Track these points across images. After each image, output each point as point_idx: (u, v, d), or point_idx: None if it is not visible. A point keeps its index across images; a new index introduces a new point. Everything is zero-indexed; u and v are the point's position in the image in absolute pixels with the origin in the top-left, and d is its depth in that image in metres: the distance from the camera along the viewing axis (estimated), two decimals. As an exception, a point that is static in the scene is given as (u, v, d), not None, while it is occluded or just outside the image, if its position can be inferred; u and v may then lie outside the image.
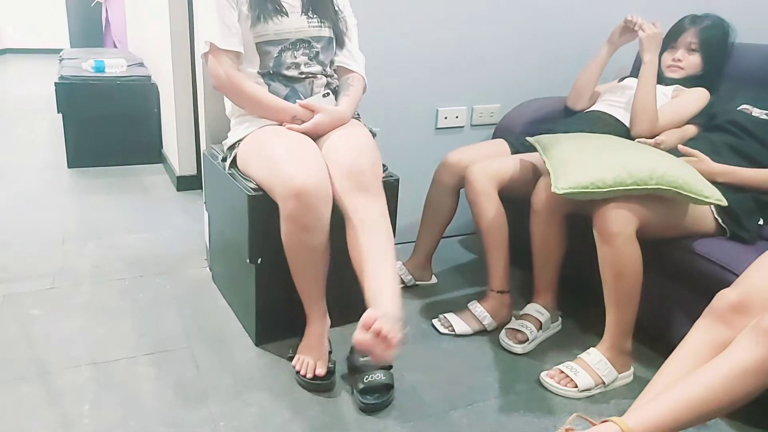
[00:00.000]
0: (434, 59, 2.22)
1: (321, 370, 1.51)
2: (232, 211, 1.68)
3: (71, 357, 1.58)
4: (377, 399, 1.46)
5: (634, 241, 1.47)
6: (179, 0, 2.61)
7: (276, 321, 1.67)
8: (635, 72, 2.22)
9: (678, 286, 1.60)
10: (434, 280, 2.11)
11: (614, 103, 2.04)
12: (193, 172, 2.91)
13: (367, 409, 1.45)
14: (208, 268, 2.10)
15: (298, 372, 1.54)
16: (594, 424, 1.21)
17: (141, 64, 3.55)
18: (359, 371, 1.51)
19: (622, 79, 2.19)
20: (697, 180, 1.47)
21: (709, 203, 1.46)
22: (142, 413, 1.40)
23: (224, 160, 1.71)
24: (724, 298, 1.28)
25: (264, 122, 1.63)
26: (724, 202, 1.47)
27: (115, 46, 4.84)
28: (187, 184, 2.91)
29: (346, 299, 1.60)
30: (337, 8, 1.72)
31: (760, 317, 1.17)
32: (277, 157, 1.48)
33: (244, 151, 1.62)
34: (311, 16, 1.65)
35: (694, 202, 1.47)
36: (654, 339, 1.69)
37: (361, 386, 1.47)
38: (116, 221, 2.49)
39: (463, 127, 2.37)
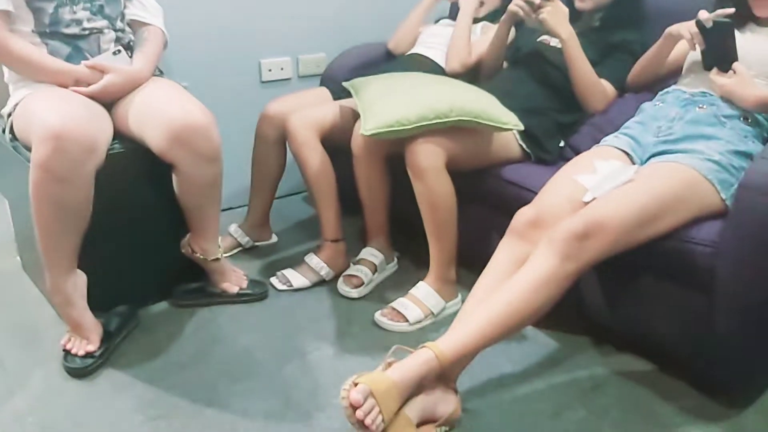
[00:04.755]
0: (253, 7, 2.12)
1: (93, 346, 1.43)
2: (26, 189, 1.50)
3: None
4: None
5: (445, 173, 1.51)
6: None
7: (94, 301, 1.55)
8: (453, 15, 2.26)
9: (493, 213, 1.67)
10: (274, 238, 2.06)
11: (430, 44, 2.08)
12: None
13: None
14: (18, 257, 1.89)
15: (68, 352, 1.43)
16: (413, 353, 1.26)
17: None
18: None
19: (438, 20, 2.23)
20: (495, 108, 1.53)
21: (507, 129, 1.53)
22: (-67, 425, 1.25)
23: (5, 131, 1.53)
24: (521, 216, 1.35)
25: (44, 85, 1.46)
26: (521, 126, 1.54)
27: None
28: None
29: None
30: (122, -46, 1.57)
31: (552, 229, 1.25)
32: (38, 107, 1.34)
33: (18, 116, 1.45)
34: (87, -36, 1.48)
35: (494, 129, 1.53)
36: (477, 265, 1.75)
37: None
38: None
39: (290, 79, 2.31)
